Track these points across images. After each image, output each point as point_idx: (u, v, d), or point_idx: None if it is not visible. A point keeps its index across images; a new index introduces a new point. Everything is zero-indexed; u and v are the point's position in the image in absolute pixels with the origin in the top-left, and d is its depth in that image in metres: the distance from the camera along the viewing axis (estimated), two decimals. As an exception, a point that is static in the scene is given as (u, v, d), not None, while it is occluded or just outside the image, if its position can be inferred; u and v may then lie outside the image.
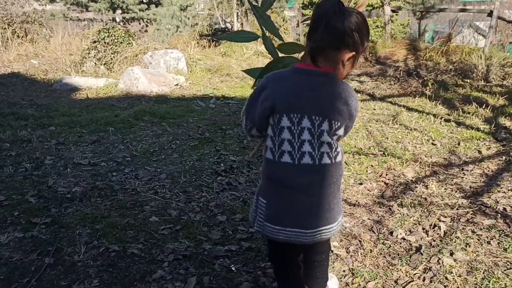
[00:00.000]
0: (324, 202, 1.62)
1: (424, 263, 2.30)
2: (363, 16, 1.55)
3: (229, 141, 4.52)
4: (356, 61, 1.58)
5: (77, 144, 4.37)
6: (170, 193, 3.30)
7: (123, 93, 7.08)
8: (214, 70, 8.87)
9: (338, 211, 1.69)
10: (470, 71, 7.30)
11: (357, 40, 1.52)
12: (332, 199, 1.64)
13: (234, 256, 2.46)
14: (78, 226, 2.74)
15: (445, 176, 3.48)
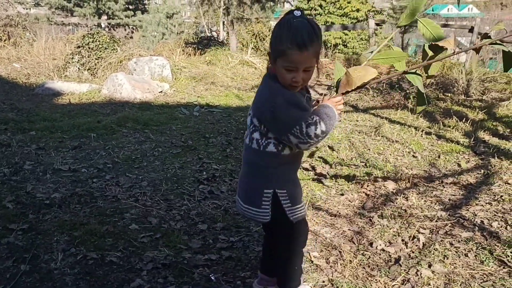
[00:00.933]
0: (245, 181, 1.92)
1: (403, 275, 2.31)
2: (283, 22, 1.65)
3: (212, 149, 4.52)
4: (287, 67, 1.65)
5: (57, 150, 4.31)
6: (151, 200, 3.27)
7: (107, 99, 7.03)
8: (199, 78, 8.87)
9: (255, 197, 1.84)
10: (451, 85, 7.41)
11: (272, 46, 1.68)
12: (248, 183, 1.89)
13: (214, 265, 2.45)
14: (56, 233, 2.70)
15: (425, 188, 3.52)
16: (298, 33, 1.61)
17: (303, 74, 1.66)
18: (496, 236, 2.67)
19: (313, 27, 1.64)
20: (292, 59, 1.63)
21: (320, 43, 1.67)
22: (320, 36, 1.68)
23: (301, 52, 1.61)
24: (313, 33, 1.63)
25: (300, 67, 1.64)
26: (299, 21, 1.62)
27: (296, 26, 1.62)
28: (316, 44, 1.63)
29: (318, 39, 1.65)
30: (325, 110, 1.71)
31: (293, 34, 1.61)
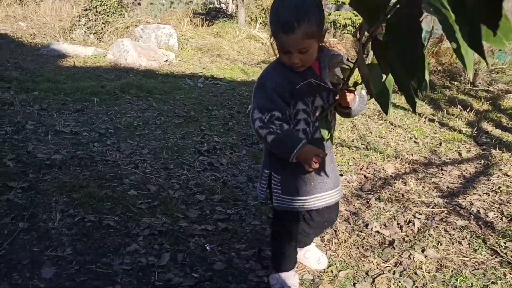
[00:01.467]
0: None
1: (396, 257, 2.34)
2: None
3: (214, 122, 4.51)
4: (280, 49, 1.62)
5: (60, 112, 4.31)
6: (151, 168, 3.28)
7: (111, 64, 6.98)
8: (205, 49, 8.79)
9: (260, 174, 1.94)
10: (458, 74, 7.37)
11: None
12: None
13: (210, 236, 2.48)
14: (55, 194, 2.72)
15: (424, 174, 3.53)
16: (283, 14, 1.50)
17: (300, 55, 1.57)
18: (491, 226, 2.69)
19: (302, 4, 1.48)
20: (280, 42, 1.56)
21: (316, 21, 1.51)
22: (317, 12, 1.51)
23: (287, 35, 1.51)
24: (300, 12, 1.48)
25: (291, 50, 1.56)
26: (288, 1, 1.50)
27: (282, 5, 1.51)
28: (306, 24, 1.48)
29: (310, 17, 1.48)
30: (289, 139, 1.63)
31: (277, 16, 1.51)
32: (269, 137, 1.64)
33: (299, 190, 1.79)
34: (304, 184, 1.79)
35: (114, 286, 1.98)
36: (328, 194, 1.84)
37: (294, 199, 1.81)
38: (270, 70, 1.73)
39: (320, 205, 1.83)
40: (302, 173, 1.77)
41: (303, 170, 1.69)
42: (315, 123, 1.71)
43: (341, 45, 9.83)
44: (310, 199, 1.81)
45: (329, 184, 1.83)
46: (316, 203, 1.82)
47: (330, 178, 1.83)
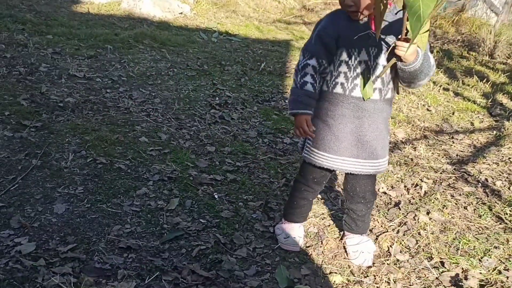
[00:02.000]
0: None
1: (401, 217, 2.37)
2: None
3: (227, 77, 4.48)
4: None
5: (73, 56, 4.29)
6: (162, 117, 3.30)
7: (125, 13, 6.89)
8: (220, 4, 8.63)
9: None
10: (477, 45, 7.22)
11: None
12: None
13: (218, 186, 2.51)
14: (67, 135, 2.75)
15: (434, 141, 3.52)
16: None
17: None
18: (498, 194, 2.70)
19: None
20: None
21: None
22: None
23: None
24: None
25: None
26: None
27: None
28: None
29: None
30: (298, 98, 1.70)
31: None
32: (293, 84, 1.73)
33: (328, 146, 1.75)
34: (335, 142, 1.73)
35: (123, 225, 2.03)
36: (359, 162, 1.75)
37: (321, 154, 1.77)
38: (327, 16, 1.72)
39: (344, 168, 1.77)
40: (337, 129, 1.72)
41: (340, 126, 1.70)
42: (354, 79, 1.66)
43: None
44: (335, 158, 1.75)
45: (364, 153, 1.74)
46: (340, 165, 1.76)
47: (367, 146, 1.73)
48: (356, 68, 1.65)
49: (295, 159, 2.95)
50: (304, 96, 1.70)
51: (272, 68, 5.01)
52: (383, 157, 1.79)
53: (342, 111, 1.70)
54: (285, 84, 4.56)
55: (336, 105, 1.71)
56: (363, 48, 1.62)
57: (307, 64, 1.69)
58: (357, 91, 1.66)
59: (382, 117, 1.73)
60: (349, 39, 1.62)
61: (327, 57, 1.68)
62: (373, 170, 1.78)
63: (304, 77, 1.69)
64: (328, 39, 1.66)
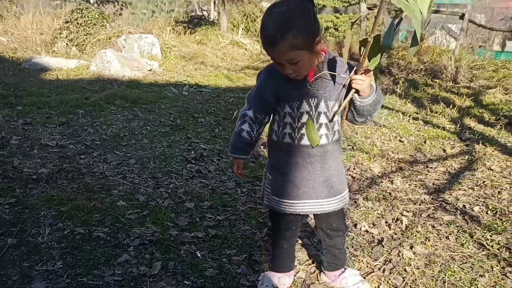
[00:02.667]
0: None
1: (385, 255, 2.37)
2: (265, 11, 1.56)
3: (200, 129, 4.52)
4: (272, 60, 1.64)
5: (45, 125, 4.28)
6: (139, 178, 3.28)
7: (95, 76, 6.96)
8: (188, 57, 8.81)
9: None
10: (440, 72, 7.47)
11: None
12: None
13: (201, 243, 2.48)
14: (43, 208, 2.71)
15: (410, 172, 3.57)
16: (267, 26, 1.50)
17: (292, 66, 1.56)
18: (477, 220, 2.74)
19: (288, 15, 1.48)
20: (269, 55, 1.57)
21: (303, 31, 1.49)
22: (305, 22, 1.49)
23: (272, 48, 1.52)
24: (284, 25, 1.47)
25: (281, 61, 1.56)
26: (274, 12, 1.50)
27: (268, 18, 1.51)
28: (291, 36, 1.47)
29: (295, 29, 1.47)
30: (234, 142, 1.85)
31: (263, 28, 1.52)
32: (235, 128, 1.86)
33: (286, 193, 1.80)
34: (293, 188, 1.79)
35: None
36: (320, 202, 1.79)
37: (281, 201, 1.82)
38: (266, 70, 1.77)
39: (308, 211, 1.82)
40: (292, 176, 1.78)
41: (294, 173, 1.76)
42: (300, 129, 1.71)
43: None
44: (296, 203, 1.80)
45: (322, 193, 1.78)
46: (302, 208, 1.81)
47: (324, 186, 1.78)
48: (300, 118, 1.70)
49: (275, 206, 2.95)
50: (239, 143, 1.83)
51: (244, 116, 5.07)
52: (343, 191, 1.85)
53: (295, 160, 1.76)
54: (258, 130, 4.60)
55: (288, 154, 1.77)
56: (303, 100, 1.67)
57: (246, 114, 1.81)
58: (305, 139, 1.71)
59: (333, 157, 1.79)
60: (289, 93, 1.68)
61: (265, 111, 1.78)
62: (334, 207, 1.84)
63: (242, 125, 1.81)
64: (267, 95, 1.72)
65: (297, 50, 1.51)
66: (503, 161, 3.72)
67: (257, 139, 1.85)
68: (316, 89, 1.66)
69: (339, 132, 1.79)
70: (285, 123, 1.73)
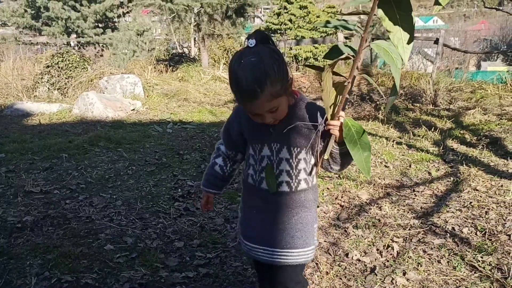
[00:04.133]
0: None
1: (378, 283, 2.35)
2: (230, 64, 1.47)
3: (186, 166, 4.51)
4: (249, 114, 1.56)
5: (28, 172, 4.23)
6: (126, 220, 3.24)
7: (78, 118, 6.94)
8: (171, 94, 8.85)
9: None
10: (420, 96, 7.61)
11: None
12: None
13: (192, 283, 2.44)
14: (28, 257, 2.65)
15: (397, 197, 3.59)
16: (242, 81, 1.40)
17: (272, 115, 1.50)
18: (467, 242, 2.75)
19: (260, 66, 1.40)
20: (247, 109, 1.50)
21: (278, 78, 1.43)
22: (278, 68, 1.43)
23: (250, 102, 1.44)
24: (261, 76, 1.39)
25: (260, 113, 1.48)
26: (244, 64, 1.41)
27: (239, 71, 1.41)
28: (269, 86, 1.40)
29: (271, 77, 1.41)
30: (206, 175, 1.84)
31: (237, 83, 1.43)
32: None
33: (245, 233, 1.73)
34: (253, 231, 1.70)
35: None
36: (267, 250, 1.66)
37: (244, 243, 1.74)
38: (235, 110, 1.74)
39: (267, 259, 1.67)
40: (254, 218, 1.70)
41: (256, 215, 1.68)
42: (261, 172, 1.63)
43: (304, 78, 10.05)
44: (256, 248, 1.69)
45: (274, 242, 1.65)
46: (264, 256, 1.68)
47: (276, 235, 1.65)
48: (260, 162, 1.63)
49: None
50: (211, 176, 1.82)
51: (230, 150, 5.08)
52: (304, 247, 1.66)
53: (255, 201, 1.68)
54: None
55: (250, 195, 1.71)
56: (265, 144, 1.61)
57: (220, 148, 1.81)
58: (264, 184, 1.63)
59: (299, 207, 1.65)
60: (251, 135, 1.64)
61: (234, 148, 1.75)
62: (293, 259, 1.66)
63: (216, 158, 1.81)
64: (234, 133, 1.70)
65: (277, 97, 1.45)
66: (487, 181, 3.76)
67: (230, 175, 1.80)
68: (280, 134, 1.56)
69: (307, 181, 1.64)
70: (249, 164, 1.68)
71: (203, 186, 1.85)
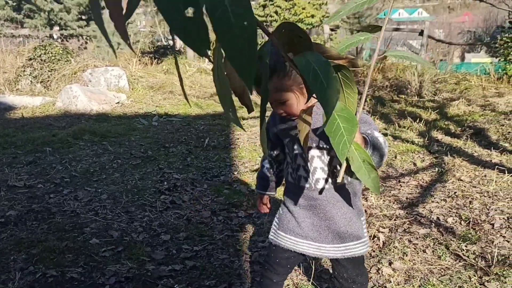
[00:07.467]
0: None
1: (365, 274, 2.36)
2: None
3: (172, 159, 4.48)
4: None
5: (11, 166, 4.17)
6: (112, 213, 3.21)
7: (61, 112, 6.85)
8: (156, 87, 8.78)
9: None
10: (405, 87, 7.65)
11: None
12: None
13: (179, 276, 2.43)
14: (12, 252, 2.61)
15: (383, 188, 3.61)
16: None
17: (280, 106, 1.55)
18: (452, 231, 2.78)
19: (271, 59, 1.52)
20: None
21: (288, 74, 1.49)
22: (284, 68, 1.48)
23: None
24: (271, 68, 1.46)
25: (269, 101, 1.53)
26: None
27: None
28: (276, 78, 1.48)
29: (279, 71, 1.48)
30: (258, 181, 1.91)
31: None
32: None
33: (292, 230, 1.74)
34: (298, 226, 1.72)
35: None
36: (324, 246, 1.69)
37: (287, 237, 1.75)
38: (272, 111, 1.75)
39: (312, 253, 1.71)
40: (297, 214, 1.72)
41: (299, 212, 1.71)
42: (297, 170, 1.67)
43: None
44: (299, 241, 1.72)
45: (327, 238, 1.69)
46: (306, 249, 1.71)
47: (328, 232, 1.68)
48: (295, 160, 1.67)
49: (253, 232, 2.93)
50: (260, 179, 1.89)
51: (216, 143, 5.07)
52: (355, 240, 1.70)
53: (297, 199, 1.71)
54: (231, 156, 4.60)
55: (292, 193, 1.73)
56: (296, 141, 1.65)
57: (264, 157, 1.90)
58: (302, 181, 1.67)
59: (341, 202, 1.67)
60: (285, 134, 1.68)
61: (274, 148, 1.80)
62: (341, 254, 1.70)
63: (263, 161, 1.89)
64: (271, 134, 1.75)
65: (284, 91, 1.50)
66: (471, 171, 3.80)
67: (278, 176, 1.86)
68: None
69: (346, 178, 1.65)
70: (287, 163, 1.74)
71: (256, 189, 1.94)
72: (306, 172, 1.65)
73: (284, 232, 1.76)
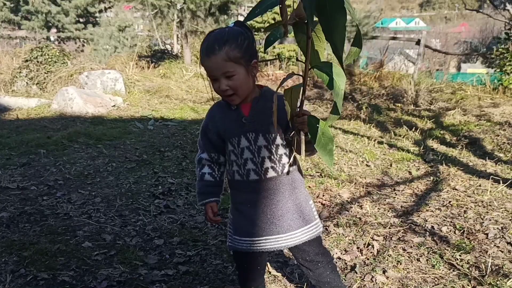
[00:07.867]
0: None
1: (358, 281, 2.36)
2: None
3: (167, 163, 4.46)
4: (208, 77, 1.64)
5: (4, 167, 4.14)
6: (105, 217, 3.19)
7: (57, 114, 6.83)
8: (153, 91, 8.77)
9: None
10: (401, 96, 7.68)
11: None
12: None
13: (171, 281, 2.42)
14: (3, 254, 2.59)
15: (378, 196, 3.61)
16: (205, 41, 1.57)
17: (226, 81, 1.55)
18: (446, 240, 2.77)
19: (226, 32, 1.56)
20: (204, 67, 1.58)
21: (239, 46, 1.54)
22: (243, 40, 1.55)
23: (208, 57, 1.54)
24: (223, 37, 1.54)
25: (216, 74, 1.56)
26: (213, 32, 1.59)
27: (206, 38, 1.58)
28: (228, 47, 1.52)
29: (232, 42, 1.53)
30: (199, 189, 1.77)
31: (202, 44, 1.58)
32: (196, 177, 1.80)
33: (246, 231, 1.73)
34: (252, 225, 1.72)
35: None
36: (281, 237, 1.71)
37: (242, 239, 1.74)
38: (210, 110, 1.76)
39: (271, 247, 1.73)
40: (248, 213, 1.72)
41: (250, 210, 1.70)
42: (245, 165, 1.67)
43: (284, 76, 10.05)
44: (256, 240, 1.72)
45: (283, 228, 1.70)
46: (264, 245, 1.72)
47: (283, 221, 1.70)
48: (242, 155, 1.67)
49: (246, 238, 2.91)
50: (204, 187, 1.76)
51: (211, 148, 5.05)
52: (306, 224, 1.74)
53: (248, 196, 1.71)
54: (226, 161, 4.58)
55: (241, 191, 1.74)
56: (241, 135, 1.65)
57: (201, 158, 1.77)
58: (252, 175, 1.67)
59: (290, 189, 1.71)
60: (227, 130, 1.67)
61: (215, 149, 1.74)
62: (299, 239, 1.72)
63: (202, 169, 1.77)
64: (211, 134, 1.72)
65: (233, 62, 1.54)
66: (466, 180, 3.81)
67: (221, 179, 1.78)
68: (253, 123, 1.63)
69: (290, 165, 1.69)
70: (231, 161, 1.70)
71: (200, 201, 1.77)
72: (254, 164, 1.67)
73: (239, 236, 1.76)
